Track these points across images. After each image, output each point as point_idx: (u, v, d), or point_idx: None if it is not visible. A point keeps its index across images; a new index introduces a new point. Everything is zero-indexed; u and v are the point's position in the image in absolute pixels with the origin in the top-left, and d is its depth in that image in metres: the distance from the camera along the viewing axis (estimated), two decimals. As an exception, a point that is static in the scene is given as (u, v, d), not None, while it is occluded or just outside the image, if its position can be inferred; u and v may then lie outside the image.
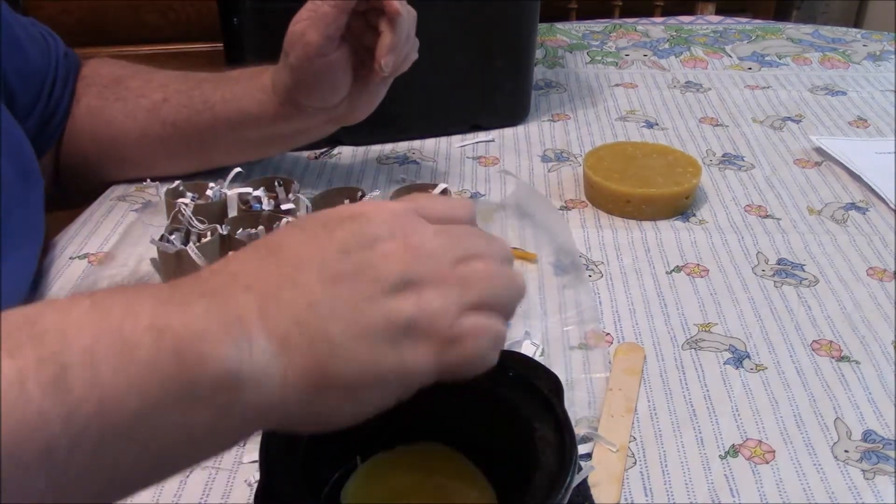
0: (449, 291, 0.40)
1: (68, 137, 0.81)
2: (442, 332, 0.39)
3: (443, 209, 0.44)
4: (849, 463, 0.56)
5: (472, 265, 0.42)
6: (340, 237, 0.39)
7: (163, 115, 0.79)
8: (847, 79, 1.16)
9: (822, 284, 0.74)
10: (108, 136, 0.81)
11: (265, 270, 0.38)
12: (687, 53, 1.24)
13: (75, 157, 0.82)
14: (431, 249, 0.41)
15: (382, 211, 0.41)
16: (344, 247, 0.39)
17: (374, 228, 0.40)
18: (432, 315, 0.39)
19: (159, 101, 0.79)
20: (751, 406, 0.61)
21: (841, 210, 0.85)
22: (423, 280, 0.40)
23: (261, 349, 0.35)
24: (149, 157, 0.82)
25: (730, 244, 0.79)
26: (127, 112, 0.80)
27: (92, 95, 0.81)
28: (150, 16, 1.66)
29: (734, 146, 0.98)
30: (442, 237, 0.41)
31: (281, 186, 0.75)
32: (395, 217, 0.41)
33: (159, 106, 0.79)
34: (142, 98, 0.80)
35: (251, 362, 0.35)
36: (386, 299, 0.38)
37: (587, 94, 1.11)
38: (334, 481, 0.50)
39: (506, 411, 0.48)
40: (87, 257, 0.76)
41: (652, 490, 0.54)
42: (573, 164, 0.93)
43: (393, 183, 0.88)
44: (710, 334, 0.68)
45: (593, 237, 0.80)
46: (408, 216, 0.42)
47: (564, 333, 0.67)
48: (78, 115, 0.81)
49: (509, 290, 0.43)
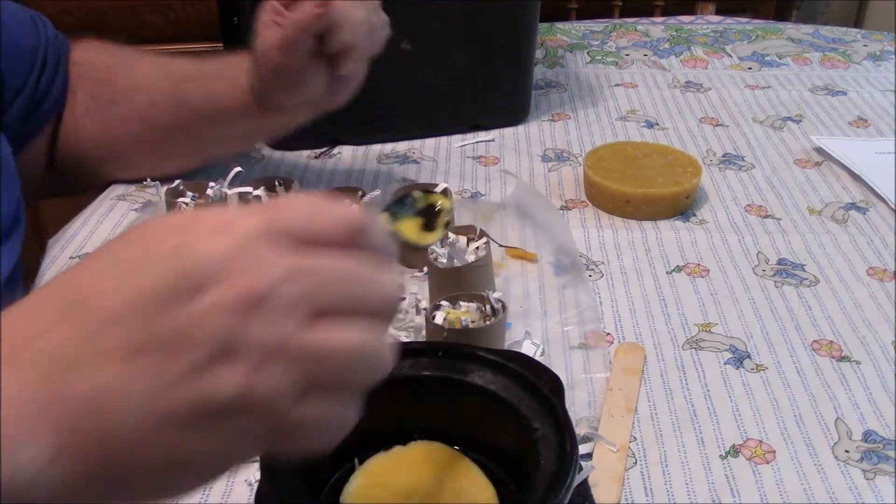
0: (290, 366, 0.31)
1: (67, 135, 0.81)
2: (272, 420, 0.31)
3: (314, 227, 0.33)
4: (849, 463, 0.56)
5: (331, 329, 0.32)
6: (159, 279, 0.31)
7: (152, 119, 0.79)
8: (847, 79, 1.16)
9: (823, 284, 0.73)
10: (108, 140, 0.81)
11: (60, 334, 0.31)
12: (687, 53, 1.24)
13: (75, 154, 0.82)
14: (276, 301, 0.31)
15: (217, 239, 0.31)
16: (159, 297, 0.31)
17: (200, 269, 0.31)
18: (263, 398, 0.31)
19: (146, 106, 0.79)
20: (751, 406, 0.61)
21: (841, 210, 0.85)
22: (257, 346, 0.30)
23: (37, 451, 0.30)
24: (147, 159, 0.82)
25: (730, 244, 0.79)
26: (121, 117, 0.80)
27: (86, 92, 0.81)
28: (150, 16, 1.66)
29: (734, 146, 0.98)
30: (298, 279, 0.31)
31: (281, 186, 0.75)
32: (233, 248, 0.31)
33: (147, 110, 0.79)
34: (130, 102, 0.80)
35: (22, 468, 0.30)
36: (200, 378, 0.30)
37: (587, 93, 1.11)
38: (334, 482, 0.50)
39: (506, 411, 0.48)
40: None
41: (652, 490, 0.54)
42: (573, 163, 0.93)
43: (393, 183, 0.88)
44: (711, 334, 0.68)
45: (593, 237, 0.80)
46: (254, 244, 0.31)
47: (564, 333, 0.67)
48: (77, 114, 0.80)
49: (373, 367, 0.34)
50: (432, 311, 0.61)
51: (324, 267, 0.32)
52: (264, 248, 0.31)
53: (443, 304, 0.61)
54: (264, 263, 0.31)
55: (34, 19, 0.80)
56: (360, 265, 0.33)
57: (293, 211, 0.33)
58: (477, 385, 0.50)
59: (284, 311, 0.31)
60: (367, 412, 0.35)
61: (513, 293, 0.71)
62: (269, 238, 0.32)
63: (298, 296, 0.31)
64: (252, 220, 0.32)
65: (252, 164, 0.92)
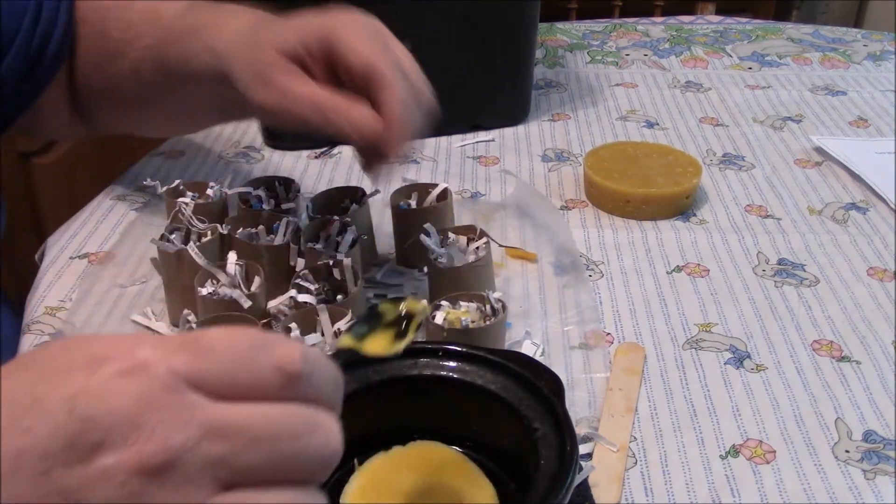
0: None
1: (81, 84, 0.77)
2: None
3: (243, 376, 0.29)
4: (849, 463, 0.56)
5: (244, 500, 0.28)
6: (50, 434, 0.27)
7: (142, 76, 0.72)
8: (847, 79, 1.16)
9: (823, 284, 0.73)
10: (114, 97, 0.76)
11: None
12: (687, 53, 1.24)
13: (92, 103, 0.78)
14: (187, 466, 0.27)
15: (126, 384, 0.27)
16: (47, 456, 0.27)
17: (101, 423, 0.27)
18: None
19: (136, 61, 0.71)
20: (751, 406, 0.61)
21: (841, 210, 0.85)
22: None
23: None
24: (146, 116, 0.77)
25: (730, 244, 0.79)
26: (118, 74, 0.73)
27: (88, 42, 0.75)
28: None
29: (734, 146, 0.98)
30: (215, 441, 0.27)
31: (281, 186, 0.75)
32: (143, 398, 0.27)
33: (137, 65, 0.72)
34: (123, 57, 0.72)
35: None
36: None
37: (587, 93, 1.11)
38: (334, 482, 0.50)
39: (506, 411, 0.48)
40: (87, 257, 0.76)
41: (652, 490, 0.54)
42: (573, 163, 0.93)
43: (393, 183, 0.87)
44: (711, 334, 0.68)
45: (593, 237, 0.80)
46: (170, 393, 0.27)
47: (564, 333, 0.67)
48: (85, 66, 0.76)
49: None
50: (432, 312, 0.61)
51: (247, 425, 0.28)
52: (180, 400, 0.27)
53: (443, 304, 0.61)
54: (178, 420, 0.27)
55: None
56: (293, 419, 0.29)
57: (220, 353, 0.29)
58: (477, 385, 0.50)
59: (195, 479, 0.27)
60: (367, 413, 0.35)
61: (513, 293, 0.71)
62: (188, 386, 0.28)
63: (214, 460, 0.27)
64: (170, 362, 0.28)
65: (252, 164, 0.92)
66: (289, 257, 0.68)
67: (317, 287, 0.63)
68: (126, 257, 0.75)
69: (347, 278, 0.63)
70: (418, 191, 0.76)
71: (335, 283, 0.63)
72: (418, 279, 0.73)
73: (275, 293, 0.64)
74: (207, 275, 0.63)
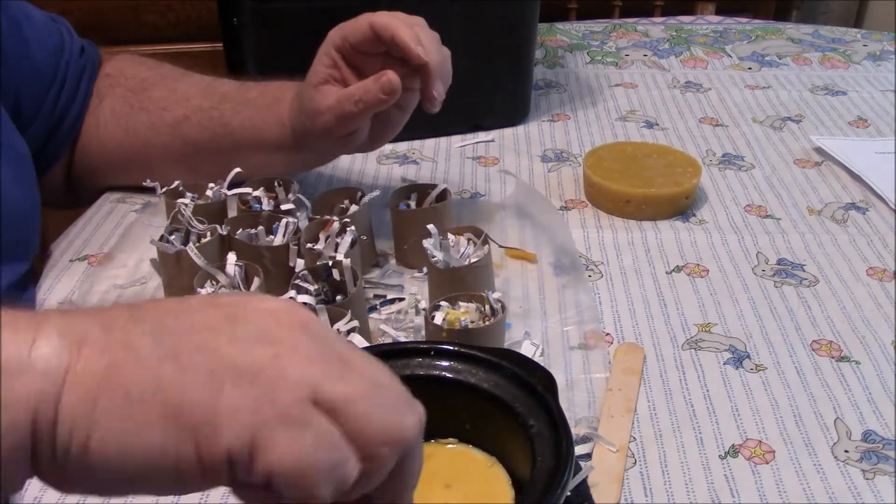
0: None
1: (90, 138, 0.80)
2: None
3: None
4: (849, 463, 0.56)
5: None
6: None
7: (184, 132, 0.78)
8: (847, 79, 1.16)
9: (822, 284, 0.73)
10: (134, 145, 0.79)
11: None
12: (687, 53, 1.24)
13: (97, 158, 0.81)
14: None
15: None
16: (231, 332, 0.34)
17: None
18: None
19: (181, 118, 0.78)
20: (751, 406, 0.61)
21: (841, 210, 0.85)
22: None
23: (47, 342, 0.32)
24: (172, 169, 0.79)
25: (730, 244, 0.79)
26: (150, 125, 0.79)
27: (117, 98, 0.80)
28: (150, 16, 1.66)
29: (734, 146, 0.98)
30: None
31: (281, 186, 0.75)
32: None
33: (181, 122, 0.78)
34: (165, 112, 0.78)
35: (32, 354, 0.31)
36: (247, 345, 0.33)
37: (587, 94, 1.11)
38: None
39: (501, 408, 0.48)
40: (87, 259, 0.76)
41: (652, 490, 0.54)
42: (573, 164, 0.93)
43: (393, 183, 0.88)
44: (710, 334, 0.68)
45: (593, 237, 0.80)
46: None
47: (564, 333, 0.67)
48: (102, 118, 0.80)
49: None
50: (431, 312, 0.61)
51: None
52: None
53: (442, 305, 0.61)
54: None
55: (62, 34, 0.79)
56: None
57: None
58: (470, 383, 0.50)
59: None
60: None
61: (512, 293, 0.71)
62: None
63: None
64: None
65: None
66: (288, 258, 0.68)
67: (316, 288, 0.63)
68: (126, 258, 0.75)
69: (347, 279, 0.63)
70: (418, 191, 0.76)
71: (334, 283, 0.63)
72: (418, 279, 0.73)
73: (274, 294, 0.64)
74: (207, 276, 0.63)
